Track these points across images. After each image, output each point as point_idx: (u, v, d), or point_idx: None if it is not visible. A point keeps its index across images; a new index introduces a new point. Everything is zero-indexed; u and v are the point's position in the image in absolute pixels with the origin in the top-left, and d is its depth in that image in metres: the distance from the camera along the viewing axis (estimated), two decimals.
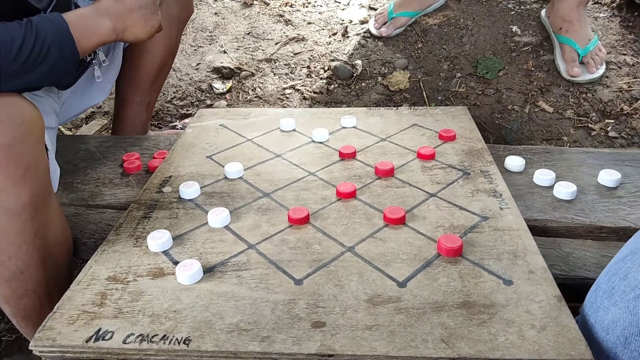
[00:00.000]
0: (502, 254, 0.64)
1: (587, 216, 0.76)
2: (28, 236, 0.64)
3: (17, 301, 0.69)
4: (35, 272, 0.67)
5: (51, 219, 0.67)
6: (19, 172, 0.60)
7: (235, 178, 0.84)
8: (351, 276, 0.62)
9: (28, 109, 0.62)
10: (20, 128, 0.60)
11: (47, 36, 0.64)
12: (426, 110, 1.07)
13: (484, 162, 0.86)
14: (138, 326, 0.55)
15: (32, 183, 0.61)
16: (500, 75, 1.33)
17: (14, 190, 0.60)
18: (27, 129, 0.61)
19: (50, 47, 0.64)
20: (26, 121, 0.61)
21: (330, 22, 1.60)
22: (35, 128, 0.62)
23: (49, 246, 0.67)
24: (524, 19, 1.45)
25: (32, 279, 0.67)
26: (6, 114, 0.59)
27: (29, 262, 0.66)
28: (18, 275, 0.66)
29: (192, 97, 1.45)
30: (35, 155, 0.62)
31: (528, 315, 0.55)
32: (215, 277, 0.62)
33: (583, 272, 0.68)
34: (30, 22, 0.63)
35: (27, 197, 0.61)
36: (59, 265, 0.71)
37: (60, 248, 0.71)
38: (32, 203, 0.62)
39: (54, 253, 0.69)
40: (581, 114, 1.24)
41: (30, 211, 0.63)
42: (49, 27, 0.64)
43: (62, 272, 0.72)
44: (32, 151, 0.61)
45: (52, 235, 0.68)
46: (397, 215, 0.70)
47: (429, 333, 0.53)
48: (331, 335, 0.53)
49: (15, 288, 0.67)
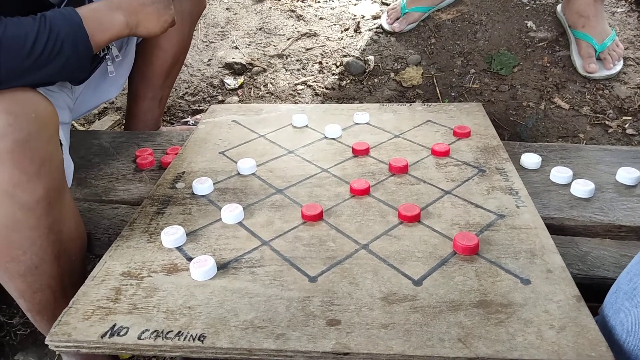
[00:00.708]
0: (519, 252, 0.63)
1: (606, 215, 0.75)
2: (42, 231, 0.64)
3: (32, 295, 0.69)
4: (49, 267, 0.67)
5: (65, 214, 0.67)
6: (33, 167, 0.60)
7: (248, 174, 0.84)
8: (366, 274, 0.61)
9: (42, 104, 0.62)
10: (35, 123, 0.60)
11: (61, 31, 0.63)
12: (440, 106, 1.05)
13: (499, 159, 0.85)
14: (153, 322, 0.55)
15: (47, 178, 0.62)
16: (515, 71, 1.31)
17: (29, 185, 0.60)
18: (42, 124, 0.61)
19: (64, 42, 0.64)
20: (41, 116, 0.61)
21: (342, 18, 1.59)
22: (49, 123, 0.62)
23: (63, 241, 0.68)
24: (539, 14, 1.43)
25: (46, 273, 0.67)
26: (21, 109, 0.59)
27: (44, 256, 0.66)
28: (33, 270, 0.66)
29: (203, 93, 1.45)
30: (50, 151, 0.62)
31: (546, 315, 0.54)
32: (229, 274, 0.62)
33: (601, 272, 0.67)
34: (44, 17, 0.63)
35: (41, 192, 0.61)
36: (73, 260, 0.71)
37: (74, 243, 0.71)
38: (47, 198, 0.62)
39: (68, 248, 0.69)
40: (598, 110, 1.21)
41: (45, 206, 0.63)
42: (63, 22, 0.64)
43: (76, 267, 0.72)
44: (46, 146, 0.62)
45: (66, 230, 0.68)
46: (412, 213, 0.70)
47: (445, 332, 0.52)
48: (346, 333, 0.53)
49: (30, 282, 0.67)
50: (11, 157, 0.58)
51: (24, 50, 0.61)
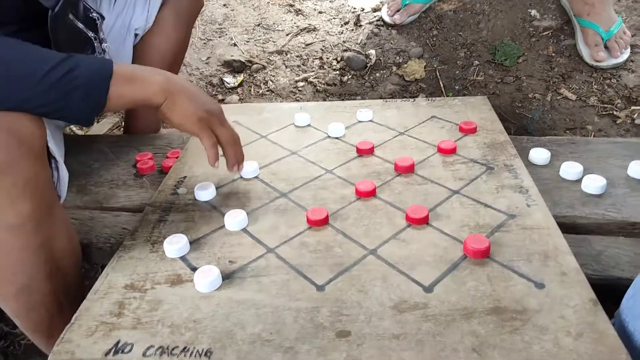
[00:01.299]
0: (532, 254, 0.62)
1: (619, 211, 0.73)
2: (32, 251, 0.62)
3: (26, 315, 0.68)
4: (42, 285, 0.65)
5: (56, 231, 0.65)
6: (16, 189, 0.57)
7: (251, 178, 0.82)
8: (375, 281, 0.60)
9: (26, 125, 0.58)
10: (18, 147, 0.56)
11: (81, 74, 0.58)
12: (444, 101, 1.03)
13: (507, 155, 0.83)
14: (158, 337, 0.54)
15: (33, 197, 0.59)
16: (520, 62, 1.29)
17: (13, 207, 0.57)
18: (26, 147, 0.57)
19: (79, 84, 0.58)
20: (24, 138, 0.57)
21: (342, 11, 1.56)
22: (34, 144, 0.59)
23: (55, 259, 0.65)
24: (543, 3, 1.40)
25: (39, 292, 0.66)
26: (5, 130, 0.56)
27: (35, 276, 0.64)
28: (25, 290, 0.64)
29: None
30: (35, 170, 0.59)
31: (563, 321, 0.52)
32: (234, 284, 0.61)
33: (617, 272, 0.65)
34: (73, 56, 0.59)
35: (27, 211, 0.59)
36: (67, 276, 0.69)
37: (68, 260, 0.68)
38: (33, 217, 0.60)
39: (61, 265, 0.67)
40: (605, 101, 1.19)
41: (32, 226, 0.60)
42: (88, 67, 0.59)
43: (71, 283, 0.70)
44: (31, 167, 0.58)
45: (58, 246, 0.65)
46: (420, 215, 0.68)
47: (459, 342, 0.51)
48: (357, 345, 0.51)
49: (23, 302, 0.66)
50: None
51: (36, 76, 0.57)
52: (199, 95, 0.68)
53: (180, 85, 0.66)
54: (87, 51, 0.81)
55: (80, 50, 0.80)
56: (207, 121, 0.68)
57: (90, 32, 0.80)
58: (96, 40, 0.81)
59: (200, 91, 0.70)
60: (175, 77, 0.67)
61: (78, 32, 0.77)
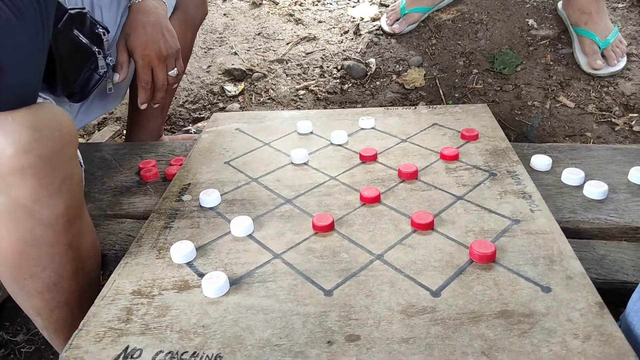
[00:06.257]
0: (537, 259, 0.62)
1: (621, 216, 0.74)
2: (61, 247, 0.63)
3: (49, 313, 0.68)
4: (67, 284, 0.66)
5: (83, 231, 0.66)
6: (55, 183, 0.58)
7: (301, 163, 0.87)
8: (382, 286, 0.60)
9: (66, 122, 0.61)
10: (58, 140, 0.58)
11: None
12: (445, 108, 1.04)
13: (509, 161, 0.84)
14: (167, 343, 0.54)
15: (67, 195, 0.60)
16: (518, 70, 1.30)
17: (49, 201, 0.59)
18: (65, 142, 0.59)
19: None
20: (64, 134, 0.59)
21: (341, 20, 1.58)
22: (72, 141, 0.61)
23: (81, 258, 0.66)
24: (540, 12, 1.42)
25: (64, 290, 0.66)
26: (46, 125, 0.57)
27: (62, 273, 0.65)
28: (51, 287, 0.65)
29: (204, 101, 1.43)
30: (71, 168, 0.61)
31: (570, 324, 0.53)
32: (242, 290, 0.61)
33: (621, 276, 0.65)
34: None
35: (61, 208, 0.60)
36: (90, 276, 0.70)
37: (92, 259, 0.70)
38: (66, 214, 0.61)
39: (86, 264, 0.68)
40: (603, 108, 1.21)
41: (64, 222, 0.62)
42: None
43: (93, 283, 0.71)
44: (68, 163, 0.60)
45: (84, 246, 0.67)
46: (425, 221, 0.68)
47: (468, 345, 0.51)
48: (367, 349, 0.51)
49: (48, 299, 0.66)
50: (34, 172, 0.56)
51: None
52: (155, 32, 0.71)
53: (142, 20, 0.71)
54: (90, 65, 0.82)
55: (83, 65, 0.81)
56: (149, 59, 0.75)
57: (95, 47, 0.80)
58: (100, 54, 0.82)
59: (161, 29, 0.73)
60: (146, 11, 0.71)
61: (82, 47, 0.78)
